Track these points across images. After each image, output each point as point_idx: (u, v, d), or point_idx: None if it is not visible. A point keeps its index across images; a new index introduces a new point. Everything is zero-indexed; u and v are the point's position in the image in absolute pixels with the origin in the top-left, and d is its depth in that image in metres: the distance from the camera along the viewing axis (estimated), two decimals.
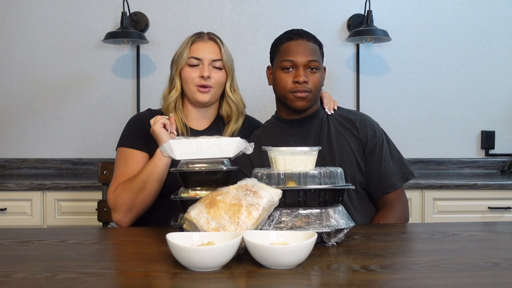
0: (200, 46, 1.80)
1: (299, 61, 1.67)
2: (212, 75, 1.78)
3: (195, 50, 1.80)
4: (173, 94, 1.81)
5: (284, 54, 1.70)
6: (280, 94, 1.73)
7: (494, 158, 3.15)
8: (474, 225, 1.76)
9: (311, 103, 1.71)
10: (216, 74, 1.79)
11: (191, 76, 1.78)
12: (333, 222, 1.23)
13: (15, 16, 3.05)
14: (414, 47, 3.13)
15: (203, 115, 1.85)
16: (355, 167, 1.69)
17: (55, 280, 0.98)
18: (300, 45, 1.70)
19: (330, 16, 3.07)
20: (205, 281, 0.97)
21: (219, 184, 1.25)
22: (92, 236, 1.48)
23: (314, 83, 1.68)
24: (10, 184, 2.53)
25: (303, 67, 1.67)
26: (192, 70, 1.79)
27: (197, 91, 1.77)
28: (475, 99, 3.16)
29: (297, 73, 1.67)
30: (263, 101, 3.06)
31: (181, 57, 1.80)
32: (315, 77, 1.69)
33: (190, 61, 1.79)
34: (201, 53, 1.79)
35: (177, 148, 1.27)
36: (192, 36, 1.84)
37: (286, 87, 1.68)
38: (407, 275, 1.02)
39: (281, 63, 1.70)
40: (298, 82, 1.66)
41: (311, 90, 1.68)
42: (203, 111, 1.84)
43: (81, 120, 3.04)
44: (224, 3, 3.09)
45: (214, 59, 1.79)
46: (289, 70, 1.68)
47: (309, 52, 1.69)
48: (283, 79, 1.69)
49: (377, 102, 3.10)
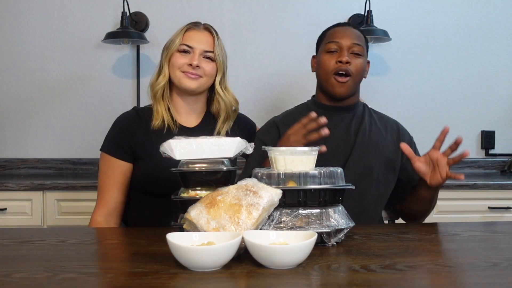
0: (194, 35, 1.75)
1: (344, 42, 1.69)
2: (202, 65, 1.72)
3: (188, 38, 1.74)
4: (160, 81, 1.75)
5: (330, 37, 1.73)
6: (322, 77, 1.73)
7: (494, 158, 3.15)
8: (474, 225, 1.76)
9: (351, 90, 1.72)
10: (206, 65, 1.73)
11: (179, 62, 1.72)
12: (333, 222, 1.23)
13: (15, 16, 3.05)
14: (414, 47, 3.13)
15: (192, 109, 1.79)
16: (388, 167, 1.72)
17: (55, 280, 0.98)
18: (346, 30, 1.74)
19: (330, 16, 3.07)
20: (205, 281, 0.97)
21: (219, 184, 1.25)
22: (92, 236, 1.48)
23: (357, 66, 1.69)
24: (10, 184, 2.53)
25: (347, 49, 1.69)
26: (181, 56, 1.72)
27: (184, 76, 1.71)
28: (475, 99, 3.16)
29: (341, 54, 1.69)
30: (264, 101, 3.07)
31: (173, 43, 1.74)
32: (358, 61, 1.70)
33: (181, 47, 1.73)
34: (193, 41, 1.73)
35: (177, 148, 1.27)
36: (187, 24, 1.78)
37: (329, 68, 1.69)
38: (407, 275, 1.02)
39: (326, 46, 1.73)
40: (341, 62, 1.67)
41: (353, 73, 1.69)
42: (191, 104, 1.78)
43: (81, 120, 3.04)
44: (224, 3, 3.09)
45: (206, 49, 1.73)
46: (333, 53, 1.70)
47: (354, 36, 1.72)
48: (326, 60, 1.70)
49: (377, 102, 3.10)
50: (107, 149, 1.73)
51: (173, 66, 1.72)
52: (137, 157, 1.73)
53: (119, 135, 1.73)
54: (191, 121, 1.80)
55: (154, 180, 1.69)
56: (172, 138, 1.30)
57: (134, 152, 1.72)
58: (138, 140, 1.71)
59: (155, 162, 1.68)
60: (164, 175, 1.64)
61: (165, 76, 1.74)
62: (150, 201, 1.72)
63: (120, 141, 1.72)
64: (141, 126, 1.74)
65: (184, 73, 1.71)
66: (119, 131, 1.74)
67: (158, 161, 1.67)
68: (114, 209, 1.70)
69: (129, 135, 1.72)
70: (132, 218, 1.77)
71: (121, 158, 1.71)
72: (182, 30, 1.76)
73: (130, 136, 1.72)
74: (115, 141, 1.72)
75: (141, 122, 1.75)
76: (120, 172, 1.71)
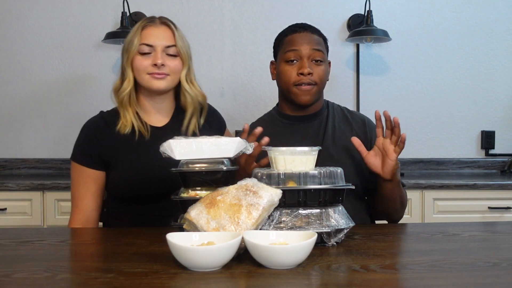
0: (152, 32, 1.65)
1: (304, 51, 1.64)
2: (167, 63, 1.64)
3: (146, 36, 1.65)
4: (126, 87, 1.66)
5: (288, 45, 1.67)
6: (284, 87, 1.68)
7: (494, 158, 3.15)
8: (474, 225, 1.76)
9: (315, 97, 1.67)
10: (171, 61, 1.65)
11: (143, 65, 1.63)
12: (333, 222, 1.23)
13: (15, 16, 3.05)
14: (414, 47, 3.13)
15: (160, 108, 1.72)
16: (357, 168, 1.66)
17: (55, 280, 0.98)
18: (305, 37, 1.67)
19: (330, 16, 3.08)
20: (205, 281, 0.97)
21: (219, 184, 1.25)
22: (92, 236, 1.48)
23: (319, 75, 1.65)
24: (10, 184, 2.53)
25: (308, 58, 1.64)
26: (144, 58, 1.64)
27: (151, 78, 1.63)
28: (475, 99, 3.16)
29: (302, 64, 1.63)
30: (264, 101, 3.07)
31: (132, 45, 1.65)
32: (320, 69, 1.65)
33: (141, 48, 1.64)
34: (152, 38, 1.64)
35: (177, 148, 1.27)
36: (142, 21, 1.70)
37: (290, 80, 1.64)
38: (407, 275, 1.02)
39: (285, 55, 1.66)
40: (303, 74, 1.62)
41: (316, 82, 1.64)
42: (159, 103, 1.72)
43: (81, 120, 3.01)
44: (224, 3, 3.09)
45: (168, 45, 1.64)
46: (293, 62, 1.65)
47: (313, 42, 1.66)
48: (287, 71, 1.65)
49: (377, 102, 3.10)
50: (76, 158, 1.67)
51: (138, 70, 1.65)
52: (108, 165, 1.67)
53: (87, 143, 1.67)
54: (161, 120, 1.73)
55: (128, 187, 1.64)
56: (172, 138, 1.30)
57: (104, 160, 1.66)
58: (107, 148, 1.65)
59: (127, 169, 1.65)
60: (138, 181, 1.63)
61: (130, 81, 1.66)
62: (127, 207, 1.68)
63: (89, 149, 1.66)
64: (109, 133, 1.67)
65: (151, 75, 1.64)
66: (86, 139, 1.68)
67: (130, 167, 1.65)
68: (89, 217, 1.66)
69: (97, 143, 1.66)
70: (112, 224, 1.73)
71: (91, 167, 1.65)
72: (138, 28, 1.67)
73: (98, 145, 1.66)
74: (83, 149, 1.67)
75: (109, 129, 1.68)
76: (92, 181, 1.65)
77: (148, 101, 1.71)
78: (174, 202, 1.29)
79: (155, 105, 1.72)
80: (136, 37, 1.65)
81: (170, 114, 1.75)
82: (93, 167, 1.66)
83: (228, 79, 3.10)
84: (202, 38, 3.08)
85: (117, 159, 1.66)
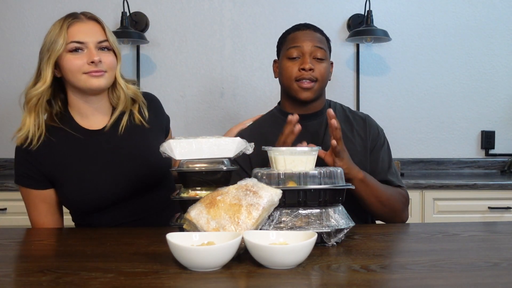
0: (80, 28, 1.51)
1: (306, 47, 1.65)
2: (103, 59, 1.50)
3: (74, 33, 1.50)
4: (38, 87, 1.50)
5: (291, 42, 1.68)
6: (285, 84, 1.69)
7: (494, 158, 3.15)
8: (474, 225, 1.76)
9: (316, 94, 1.68)
10: (107, 57, 1.51)
11: (76, 64, 1.48)
12: (333, 222, 1.23)
13: (15, 16, 3.05)
14: (414, 47, 3.14)
15: (97, 109, 1.57)
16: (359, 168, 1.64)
17: (55, 281, 0.98)
18: (307, 34, 1.68)
19: (330, 16, 3.08)
20: (205, 281, 0.97)
21: (219, 184, 1.25)
22: (92, 236, 1.48)
23: (321, 72, 1.65)
24: (10, 184, 2.53)
25: (310, 54, 1.65)
26: (76, 56, 1.48)
27: (89, 77, 1.48)
28: (475, 99, 3.16)
29: (303, 60, 1.64)
30: (264, 101, 3.07)
31: (56, 44, 1.48)
32: (321, 66, 1.66)
33: (70, 46, 1.48)
34: (82, 35, 1.49)
35: (177, 148, 1.27)
36: (65, 18, 1.54)
37: (292, 75, 1.65)
38: (407, 275, 1.02)
39: (287, 52, 1.68)
40: (304, 69, 1.63)
41: (317, 79, 1.65)
42: (95, 104, 1.57)
43: None
44: (224, 3, 3.09)
45: (100, 40, 1.51)
46: (295, 59, 1.66)
47: (315, 40, 1.67)
48: (288, 67, 1.66)
49: (377, 102, 3.11)
50: (20, 182, 1.58)
51: (71, 70, 1.49)
52: (53, 181, 1.56)
53: (25, 166, 1.56)
54: (99, 122, 1.59)
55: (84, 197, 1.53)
56: (173, 138, 1.30)
57: (48, 178, 1.55)
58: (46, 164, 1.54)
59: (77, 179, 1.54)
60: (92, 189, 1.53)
61: (45, 82, 1.50)
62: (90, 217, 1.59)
63: (29, 171, 1.55)
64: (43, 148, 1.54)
65: (88, 74, 1.49)
66: (22, 160, 1.57)
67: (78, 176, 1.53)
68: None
69: (35, 162, 1.54)
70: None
71: (36, 188, 1.55)
72: (62, 26, 1.51)
73: (37, 163, 1.54)
74: (23, 172, 1.57)
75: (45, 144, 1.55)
76: (41, 201, 1.56)
77: (83, 104, 1.56)
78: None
79: (91, 107, 1.57)
80: (61, 35, 1.49)
81: (109, 114, 1.60)
82: (39, 188, 1.56)
83: (228, 79, 3.10)
84: (202, 38, 3.08)
85: (60, 173, 1.54)
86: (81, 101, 1.56)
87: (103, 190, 1.54)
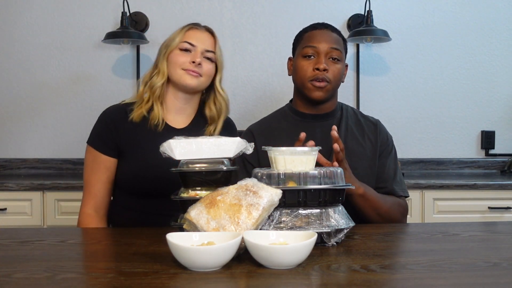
0: (196, 34, 1.72)
1: (321, 48, 1.65)
2: (203, 64, 1.69)
3: (190, 36, 1.71)
4: (159, 80, 1.70)
5: (307, 41, 1.68)
6: (299, 82, 1.69)
7: (494, 158, 3.15)
8: (474, 225, 1.76)
9: (328, 95, 1.67)
10: (207, 65, 1.70)
11: (180, 60, 1.69)
12: (333, 222, 1.23)
13: (15, 16, 3.05)
14: (414, 47, 3.14)
15: (183, 109, 1.76)
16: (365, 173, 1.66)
17: (55, 280, 0.98)
18: (324, 34, 1.68)
19: (330, 16, 3.07)
20: (205, 281, 0.97)
21: (219, 184, 1.25)
22: (92, 236, 1.48)
23: (334, 73, 1.65)
24: (10, 184, 2.53)
25: (325, 55, 1.65)
26: (182, 54, 1.69)
27: (185, 74, 1.68)
28: (475, 99, 3.16)
29: (318, 60, 1.64)
30: (264, 101, 3.07)
31: (173, 41, 1.71)
32: (336, 67, 1.66)
33: (182, 45, 1.70)
34: (195, 40, 1.70)
35: (177, 148, 1.27)
36: (188, 24, 1.76)
37: (306, 75, 1.65)
38: (407, 275, 1.02)
39: (302, 50, 1.68)
40: (318, 69, 1.63)
41: (330, 80, 1.65)
42: (183, 103, 1.75)
43: (81, 120, 3.04)
44: (224, 3, 3.09)
45: (208, 49, 1.71)
46: (310, 58, 1.66)
47: (332, 41, 1.67)
48: (303, 66, 1.66)
49: (377, 102, 3.11)
50: (92, 143, 1.71)
51: (174, 64, 1.69)
52: (121, 153, 1.70)
53: (105, 130, 1.70)
54: (179, 122, 1.76)
55: (138, 179, 1.67)
56: (172, 138, 1.30)
57: (119, 148, 1.70)
58: (123, 136, 1.69)
59: (139, 160, 1.68)
60: (148, 174, 1.65)
61: (164, 75, 1.70)
62: (135, 202, 1.70)
63: (106, 136, 1.69)
64: (128, 123, 1.70)
65: (186, 71, 1.68)
66: (104, 125, 1.71)
67: (142, 159, 1.67)
68: (100, 203, 1.69)
69: (114, 130, 1.70)
70: (116, 220, 1.74)
71: (105, 153, 1.69)
72: (183, 29, 1.73)
73: (115, 131, 1.69)
74: (102, 136, 1.70)
75: (128, 118, 1.71)
76: (104, 167, 1.69)
77: (173, 99, 1.74)
78: (175, 202, 1.29)
79: (178, 105, 1.74)
80: (179, 35, 1.71)
81: (190, 119, 1.77)
82: (107, 154, 1.69)
83: (228, 79, 3.09)
84: None
85: (130, 150, 1.69)
86: (172, 97, 1.74)
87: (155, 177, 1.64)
